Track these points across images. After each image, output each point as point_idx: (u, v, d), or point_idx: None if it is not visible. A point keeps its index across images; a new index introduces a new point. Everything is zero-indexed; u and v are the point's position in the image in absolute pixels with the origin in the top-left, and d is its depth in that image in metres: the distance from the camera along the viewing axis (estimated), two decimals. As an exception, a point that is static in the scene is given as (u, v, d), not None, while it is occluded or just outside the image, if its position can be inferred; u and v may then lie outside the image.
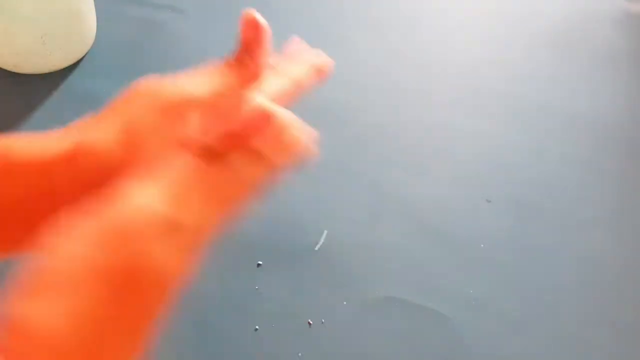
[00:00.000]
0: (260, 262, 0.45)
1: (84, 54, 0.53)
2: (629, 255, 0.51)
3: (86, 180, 0.21)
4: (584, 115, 0.60)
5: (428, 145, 0.54)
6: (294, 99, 0.23)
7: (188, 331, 0.37)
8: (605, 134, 0.59)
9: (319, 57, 0.25)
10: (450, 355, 0.44)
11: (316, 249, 0.46)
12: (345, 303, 0.44)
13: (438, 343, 0.44)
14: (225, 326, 0.41)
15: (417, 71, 0.59)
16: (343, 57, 0.59)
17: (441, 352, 0.43)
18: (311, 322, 0.43)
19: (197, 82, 0.22)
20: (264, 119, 0.20)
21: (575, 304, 0.48)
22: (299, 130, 0.21)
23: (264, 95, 0.22)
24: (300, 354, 0.41)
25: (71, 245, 0.18)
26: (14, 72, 0.51)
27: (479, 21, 0.66)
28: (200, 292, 0.39)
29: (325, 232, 0.47)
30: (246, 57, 0.23)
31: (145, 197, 0.19)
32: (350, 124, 0.54)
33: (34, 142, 0.21)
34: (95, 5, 0.55)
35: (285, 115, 0.21)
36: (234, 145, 0.20)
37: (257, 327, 0.42)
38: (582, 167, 0.56)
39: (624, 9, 0.71)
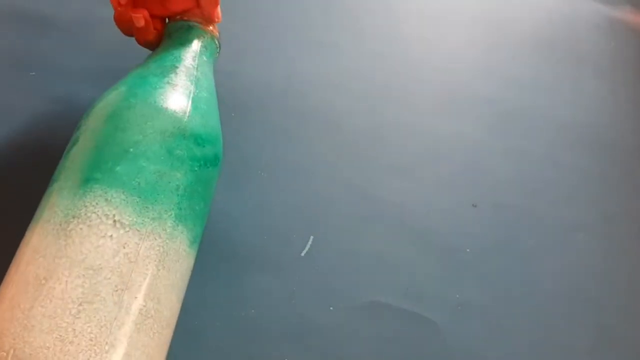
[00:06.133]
0: (246, 268, 0.44)
1: None
2: (614, 259, 0.52)
3: None
4: (568, 120, 0.61)
5: (413, 150, 0.54)
6: None
7: (174, 339, 0.36)
8: (590, 138, 0.60)
9: None
10: (436, 360, 0.44)
11: (302, 254, 0.46)
12: (331, 309, 0.44)
13: (424, 348, 0.44)
14: (210, 334, 0.41)
15: (403, 76, 0.60)
16: (328, 62, 0.59)
17: (427, 357, 0.43)
18: (297, 328, 0.43)
19: None
20: None
21: (561, 309, 0.48)
22: None
23: None
24: (286, 360, 0.41)
25: None
26: None
27: (464, 27, 0.66)
28: (185, 300, 0.38)
29: (312, 237, 0.47)
30: None
31: None
32: (335, 129, 0.54)
33: None
34: (75, 7, 0.54)
35: None
36: None
37: (242, 333, 0.41)
38: (567, 171, 0.56)
39: (605, 15, 0.72)
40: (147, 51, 0.46)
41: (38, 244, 0.30)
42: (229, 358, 0.40)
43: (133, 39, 0.46)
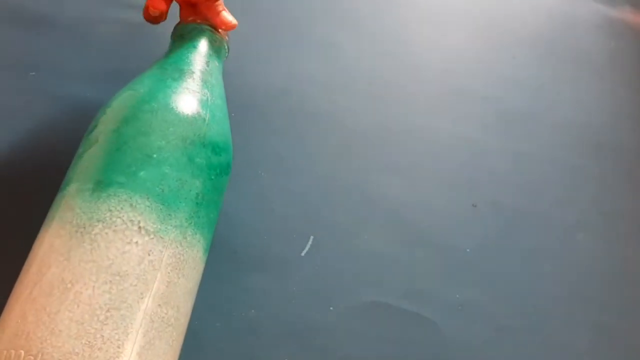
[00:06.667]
0: (246, 268, 0.44)
1: None
2: (614, 259, 0.52)
3: None
4: (567, 120, 0.61)
5: (413, 150, 0.54)
6: None
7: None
8: (589, 139, 0.60)
9: None
10: (434, 361, 0.44)
11: (302, 254, 0.46)
12: (331, 309, 0.44)
13: (424, 348, 0.44)
14: (210, 334, 0.41)
15: (402, 76, 0.60)
16: (328, 62, 0.59)
17: (427, 356, 0.44)
18: (297, 328, 0.43)
19: None
20: None
21: (560, 308, 0.48)
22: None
23: None
24: (286, 360, 0.41)
25: None
26: None
27: (464, 27, 0.66)
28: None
29: (312, 237, 0.47)
30: None
31: None
32: (336, 129, 0.54)
33: None
34: (76, 7, 0.54)
35: None
36: None
37: (242, 333, 0.41)
38: (567, 171, 0.57)
39: (605, 15, 0.72)
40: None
41: (60, 245, 0.30)
42: (229, 358, 0.40)
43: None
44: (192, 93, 0.36)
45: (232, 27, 0.45)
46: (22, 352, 0.26)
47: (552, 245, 0.52)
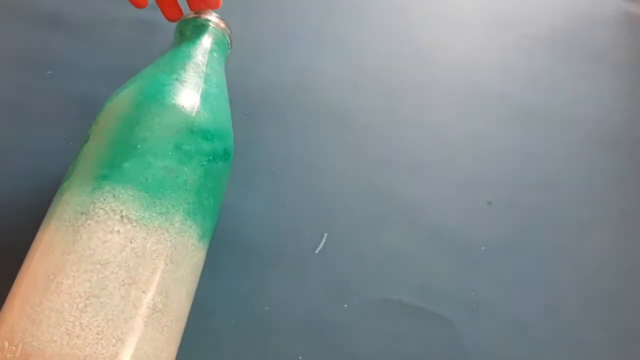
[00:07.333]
0: (260, 266, 0.44)
1: None
2: (631, 258, 0.51)
3: None
4: (585, 118, 0.60)
5: (428, 148, 0.54)
6: None
7: (189, 336, 0.37)
8: (607, 136, 0.59)
9: None
10: (450, 359, 0.43)
11: (316, 252, 0.46)
12: (345, 306, 0.44)
13: (439, 346, 0.43)
14: (225, 331, 0.41)
15: (417, 73, 0.59)
16: (342, 59, 0.58)
17: (442, 355, 0.43)
18: (311, 325, 0.43)
19: None
20: None
21: (576, 307, 0.47)
22: None
23: None
24: (300, 357, 0.41)
25: None
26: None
27: (480, 24, 0.66)
28: (200, 297, 0.38)
29: (325, 235, 0.47)
30: None
31: None
32: (350, 126, 0.54)
33: None
34: (91, 6, 0.55)
35: None
36: None
37: (256, 330, 0.41)
38: (584, 169, 0.56)
39: (625, 11, 0.71)
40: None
41: (49, 240, 0.30)
42: (243, 355, 0.40)
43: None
44: (181, 83, 0.37)
45: (215, 5, 0.44)
46: (6, 343, 0.27)
47: (568, 243, 0.51)
